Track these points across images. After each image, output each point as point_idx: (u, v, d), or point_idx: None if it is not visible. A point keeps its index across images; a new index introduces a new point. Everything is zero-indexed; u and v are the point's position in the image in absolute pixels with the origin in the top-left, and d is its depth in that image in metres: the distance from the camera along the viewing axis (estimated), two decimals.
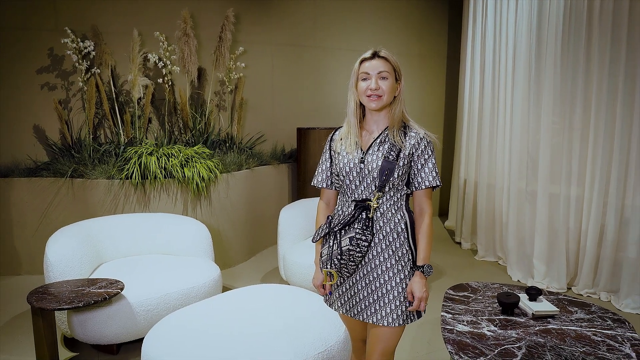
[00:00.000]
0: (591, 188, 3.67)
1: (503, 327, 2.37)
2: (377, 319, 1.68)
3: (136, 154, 3.96)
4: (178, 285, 2.88)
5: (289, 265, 3.51)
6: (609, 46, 3.50)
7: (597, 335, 2.29)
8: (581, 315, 2.51)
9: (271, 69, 5.24)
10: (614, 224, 3.54)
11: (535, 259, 3.99)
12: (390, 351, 1.75)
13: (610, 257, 3.57)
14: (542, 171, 3.96)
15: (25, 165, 4.23)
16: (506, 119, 4.42)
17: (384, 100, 1.66)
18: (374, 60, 1.69)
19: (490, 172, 4.69)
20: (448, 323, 2.43)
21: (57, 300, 2.34)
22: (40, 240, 4.07)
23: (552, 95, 3.89)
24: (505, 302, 2.51)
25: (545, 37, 3.95)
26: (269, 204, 4.96)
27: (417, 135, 1.68)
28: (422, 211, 1.70)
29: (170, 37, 4.49)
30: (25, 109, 4.28)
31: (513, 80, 4.32)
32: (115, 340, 2.70)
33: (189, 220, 3.57)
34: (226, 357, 1.98)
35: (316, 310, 2.39)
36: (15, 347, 2.87)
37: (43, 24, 4.26)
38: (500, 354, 2.12)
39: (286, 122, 5.38)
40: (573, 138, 3.80)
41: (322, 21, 5.43)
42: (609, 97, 3.53)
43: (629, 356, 2.09)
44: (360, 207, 1.66)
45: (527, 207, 4.12)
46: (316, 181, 1.83)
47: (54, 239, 2.91)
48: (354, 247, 1.62)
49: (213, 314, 2.37)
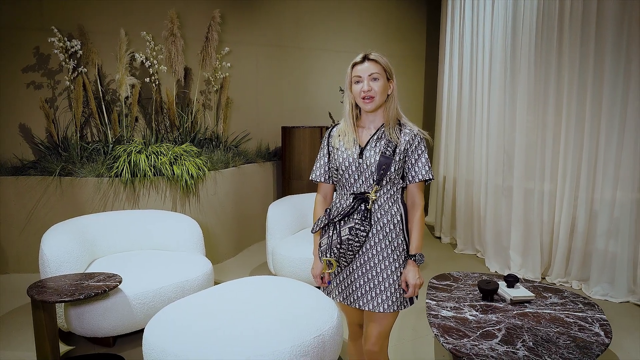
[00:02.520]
0: (563, 183, 3.90)
1: (484, 312, 2.54)
2: (374, 305, 1.81)
3: (125, 152, 4.02)
4: (173, 278, 2.97)
5: (278, 259, 3.63)
6: (579, 49, 3.72)
7: (570, 317, 2.48)
8: (555, 300, 2.70)
9: (255, 68, 5.34)
10: (584, 217, 3.77)
11: (512, 251, 4.21)
12: (386, 334, 1.89)
13: (580, 248, 3.80)
14: (517, 168, 4.17)
15: (11, 164, 4.23)
16: (483, 118, 4.63)
17: (377, 100, 1.79)
18: (364, 63, 1.80)
19: (468, 169, 4.90)
20: (433, 309, 2.59)
21: (58, 293, 2.40)
22: (27, 239, 4.09)
23: (526, 96, 4.10)
24: (485, 289, 2.68)
25: (519, 40, 4.16)
26: (255, 201, 5.06)
27: (411, 132, 1.82)
28: (415, 203, 1.83)
29: (157, 37, 4.55)
30: (10, 107, 4.28)
31: (489, 81, 4.52)
32: (112, 332, 2.77)
33: (180, 217, 3.65)
34: (226, 343, 2.08)
35: (309, 299, 2.52)
36: (11, 342, 2.91)
37: (29, 23, 4.27)
38: (482, 335, 2.28)
39: (270, 120, 5.49)
40: (546, 136, 4.02)
41: (305, 23, 5.56)
42: (578, 98, 3.76)
43: (598, 334, 2.29)
44: (359, 199, 1.78)
45: (503, 201, 4.33)
46: (314, 175, 1.94)
47: (49, 235, 2.96)
48: (353, 236, 1.75)
49: (210, 304, 2.47)
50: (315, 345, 2.19)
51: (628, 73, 3.47)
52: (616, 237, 3.58)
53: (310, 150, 4.92)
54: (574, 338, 2.25)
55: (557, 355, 2.08)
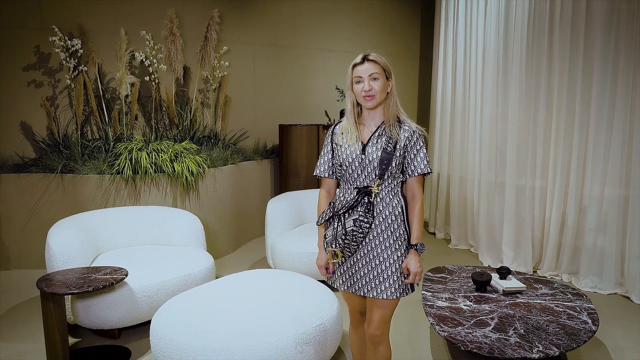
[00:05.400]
0: (553, 180, 4.02)
1: (477, 302, 2.65)
2: (377, 293, 1.92)
3: (126, 150, 4.09)
4: (176, 272, 3.05)
5: (277, 253, 3.72)
6: (569, 49, 3.84)
7: (559, 306, 2.59)
8: (545, 291, 2.82)
9: (253, 67, 5.42)
10: (574, 212, 3.89)
11: (504, 246, 4.33)
12: (388, 319, 1.99)
13: (570, 242, 3.93)
14: (509, 164, 4.28)
15: (12, 161, 4.29)
16: (476, 116, 4.74)
17: (377, 98, 1.89)
18: (364, 64, 1.89)
19: (462, 166, 5.02)
20: (428, 300, 2.70)
21: (67, 286, 2.48)
22: (29, 236, 4.15)
23: (518, 95, 4.21)
24: (478, 280, 2.80)
25: (511, 40, 4.27)
26: (253, 197, 5.15)
27: (410, 128, 1.92)
28: (414, 196, 1.93)
29: (157, 36, 4.62)
30: (11, 106, 4.34)
31: (482, 80, 4.63)
32: (117, 325, 2.85)
33: (182, 212, 3.73)
34: (231, 332, 2.18)
35: (310, 290, 2.62)
36: (19, 335, 2.98)
37: (29, 22, 4.32)
38: (475, 324, 2.39)
39: (267, 119, 5.58)
40: (537, 134, 4.14)
41: (301, 22, 5.65)
42: (568, 96, 3.88)
43: (586, 322, 2.40)
44: (362, 193, 1.88)
45: (496, 198, 4.45)
46: (319, 171, 2.04)
47: (55, 230, 3.03)
48: (357, 228, 1.85)
49: (215, 296, 2.56)
50: (317, 334, 2.29)
51: (616, 73, 3.59)
52: (604, 232, 3.70)
53: (307, 148, 5.01)
54: (563, 325, 2.36)
55: (546, 341, 2.20)
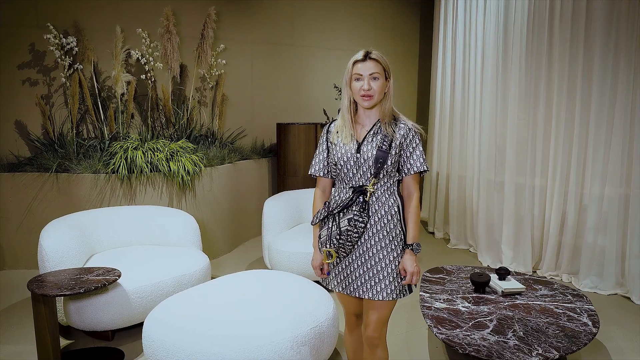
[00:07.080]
0: (553, 178, 3.98)
1: (476, 303, 2.61)
2: (373, 294, 1.87)
3: (122, 149, 4.04)
4: (171, 273, 3.01)
5: (274, 253, 3.68)
6: (569, 48, 3.80)
7: (559, 308, 2.55)
8: (545, 292, 2.78)
9: (250, 66, 5.37)
10: (574, 212, 3.85)
11: (503, 245, 4.29)
12: (385, 321, 1.95)
13: (570, 241, 3.89)
14: (509, 163, 4.24)
15: (7, 160, 4.25)
16: (476, 115, 4.70)
17: (375, 99, 1.84)
18: (366, 62, 1.83)
19: (461, 165, 4.97)
20: (426, 301, 2.66)
21: (58, 287, 2.44)
22: (24, 235, 4.11)
23: (518, 93, 4.17)
24: (477, 281, 2.75)
25: (511, 39, 4.23)
26: (250, 197, 5.11)
27: (405, 126, 1.88)
28: (410, 194, 1.89)
29: (153, 34, 4.57)
30: (6, 104, 4.29)
31: (482, 79, 4.59)
32: (111, 326, 2.81)
33: (178, 212, 3.69)
34: (226, 334, 2.13)
35: (306, 291, 2.57)
36: (11, 337, 2.94)
37: (24, 20, 4.28)
38: (474, 326, 2.35)
39: (265, 117, 5.54)
40: (537, 132, 4.09)
41: (299, 20, 5.60)
42: (568, 95, 3.83)
43: (586, 324, 2.36)
44: (357, 192, 1.84)
45: (495, 196, 4.41)
46: (313, 170, 1.99)
47: (48, 231, 2.99)
48: (352, 228, 1.80)
49: (209, 297, 2.51)
50: (313, 336, 2.25)
51: (616, 71, 3.55)
52: (605, 231, 3.66)
53: (305, 147, 4.97)
54: (563, 328, 2.32)
55: (546, 344, 2.16)
